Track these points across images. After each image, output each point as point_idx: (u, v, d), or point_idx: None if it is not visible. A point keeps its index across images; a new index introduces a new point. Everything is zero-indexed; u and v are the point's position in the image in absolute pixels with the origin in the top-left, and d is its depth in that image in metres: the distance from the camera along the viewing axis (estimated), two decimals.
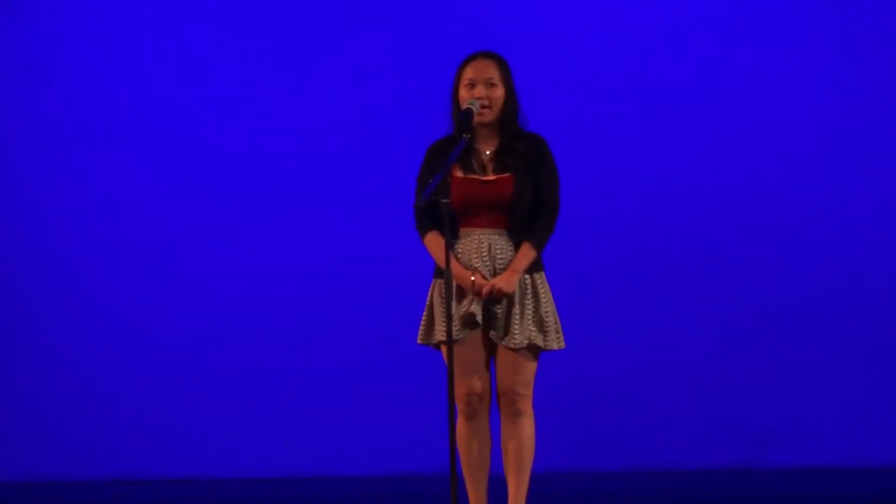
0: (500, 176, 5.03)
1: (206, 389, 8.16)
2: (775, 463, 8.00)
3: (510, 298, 4.98)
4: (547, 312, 5.04)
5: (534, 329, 5.01)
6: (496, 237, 5.02)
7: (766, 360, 8.08)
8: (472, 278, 4.96)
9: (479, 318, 4.96)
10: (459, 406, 5.04)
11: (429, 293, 5.08)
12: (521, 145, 5.07)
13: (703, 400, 8.08)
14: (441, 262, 4.98)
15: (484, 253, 5.00)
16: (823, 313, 8.06)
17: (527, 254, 4.99)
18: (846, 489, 7.35)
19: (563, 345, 5.09)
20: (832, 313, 8.07)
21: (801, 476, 7.82)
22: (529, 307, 5.02)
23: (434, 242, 5.04)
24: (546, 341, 5.03)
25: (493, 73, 5.06)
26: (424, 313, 5.10)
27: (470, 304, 4.95)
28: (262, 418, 8.16)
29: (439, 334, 5.01)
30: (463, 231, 5.03)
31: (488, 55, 5.11)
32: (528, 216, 5.04)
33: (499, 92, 5.06)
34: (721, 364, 8.08)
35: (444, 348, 4.96)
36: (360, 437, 8.10)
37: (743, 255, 8.11)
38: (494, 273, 4.98)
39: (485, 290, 4.93)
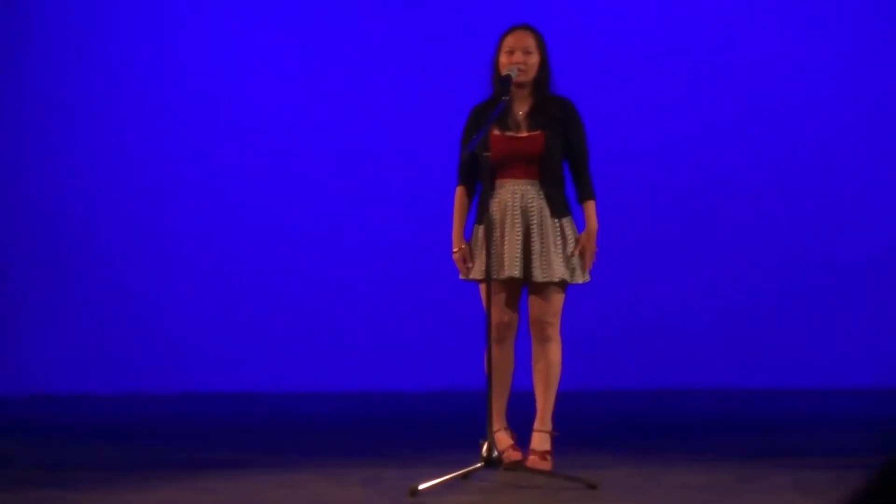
0: (532, 133, 5.47)
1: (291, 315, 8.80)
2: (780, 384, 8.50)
3: (545, 240, 5.43)
4: (573, 252, 5.48)
5: (562, 266, 5.45)
6: (528, 187, 5.47)
7: (766, 299, 8.60)
8: (456, 250, 5.51)
9: (518, 273, 5.43)
10: (491, 333, 5.34)
11: (471, 236, 5.56)
12: (551, 106, 5.51)
13: (710, 326, 8.58)
14: (456, 216, 5.54)
15: (517, 201, 5.45)
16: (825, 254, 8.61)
17: (592, 210, 5.53)
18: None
19: (587, 278, 5.53)
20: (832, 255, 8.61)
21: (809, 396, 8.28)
22: (559, 247, 5.47)
23: (458, 196, 5.58)
24: (572, 276, 5.48)
25: (530, 42, 5.50)
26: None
27: (508, 269, 5.41)
28: (330, 339, 8.75)
29: (476, 273, 5.48)
30: (499, 182, 5.47)
31: (526, 27, 5.56)
32: (556, 168, 5.50)
33: (534, 59, 5.49)
34: (725, 295, 8.61)
35: (481, 285, 5.41)
36: (406, 359, 8.71)
37: (747, 210, 8.62)
38: (526, 215, 5.43)
39: (576, 251, 5.47)
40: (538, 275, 5.47)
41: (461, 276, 5.60)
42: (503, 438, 5.58)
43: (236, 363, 8.75)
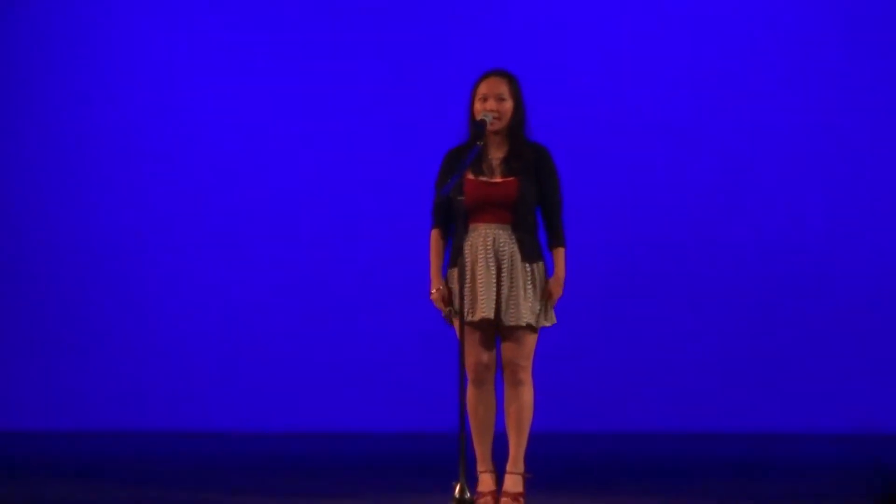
0: (506, 179, 5.48)
1: (258, 355, 8.74)
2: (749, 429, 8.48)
3: (514, 284, 5.45)
4: (541, 297, 5.51)
5: (529, 310, 5.47)
6: (500, 231, 5.48)
7: (733, 344, 8.62)
8: (434, 291, 5.50)
9: (492, 315, 5.45)
10: (469, 375, 5.48)
11: (446, 278, 5.54)
12: (526, 152, 5.52)
13: (676, 371, 8.58)
14: (433, 258, 5.53)
15: (489, 245, 5.47)
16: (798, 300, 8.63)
17: (561, 257, 5.54)
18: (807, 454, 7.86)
19: (554, 320, 5.55)
20: (806, 300, 8.62)
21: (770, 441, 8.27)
22: (528, 291, 5.49)
23: (434, 239, 5.57)
24: (538, 321, 5.49)
25: (504, 88, 5.51)
26: None
27: (482, 311, 5.41)
28: (300, 380, 8.72)
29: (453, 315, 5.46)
30: (472, 226, 5.48)
31: (500, 73, 5.56)
32: (529, 214, 5.51)
33: (508, 105, 5.50)
34: (689, 339, 8.62)
35: (457, 325, 5.38)
36: (383, 400, 8.67)
37: (717, 250, 8.62)
38: (497, 259, 5.45)
39: (543, 297, 5.49)
40: (506, 319, 5.49)
41: (444, 316, 5.58)
42: (487, 481, 5.59)
43: (206, 403, 8.71)
